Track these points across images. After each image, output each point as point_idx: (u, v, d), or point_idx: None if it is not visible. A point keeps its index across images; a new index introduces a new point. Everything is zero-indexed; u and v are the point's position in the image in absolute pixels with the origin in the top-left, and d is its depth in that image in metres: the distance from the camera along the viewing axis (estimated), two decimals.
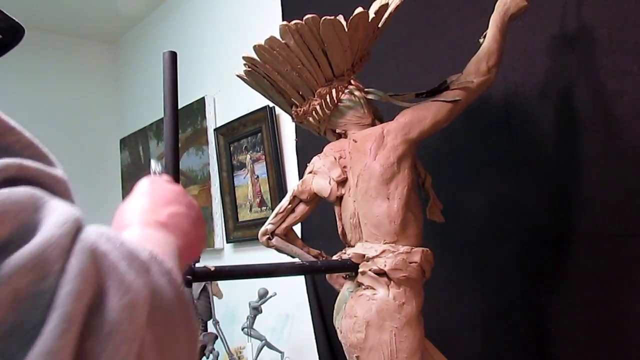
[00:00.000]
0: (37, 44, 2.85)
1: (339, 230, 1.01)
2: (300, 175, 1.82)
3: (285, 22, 0.90)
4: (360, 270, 0.92)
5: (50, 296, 0.27)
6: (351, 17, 0.91)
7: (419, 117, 0.95)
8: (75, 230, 0.31)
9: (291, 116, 1.07)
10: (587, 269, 1.06)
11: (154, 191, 0.54)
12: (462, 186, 1.28)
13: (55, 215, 0.30)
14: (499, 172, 1.20)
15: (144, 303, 0.32)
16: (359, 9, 0.91)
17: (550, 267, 1.12)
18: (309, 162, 1.05)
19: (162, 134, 2.75)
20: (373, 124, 1.01)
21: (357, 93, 1.00)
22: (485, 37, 1.00)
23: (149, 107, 2.81)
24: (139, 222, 0.47)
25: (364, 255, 0.91)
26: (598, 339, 1.05)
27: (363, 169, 0.95)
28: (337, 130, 1.03)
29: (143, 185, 0.55)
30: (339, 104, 1.00)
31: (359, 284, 0.93)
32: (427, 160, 1.34)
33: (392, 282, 0.90)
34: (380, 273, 0.90)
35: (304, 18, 0.89)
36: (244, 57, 0.96)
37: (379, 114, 1.05)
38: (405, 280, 0.90)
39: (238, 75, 1.02)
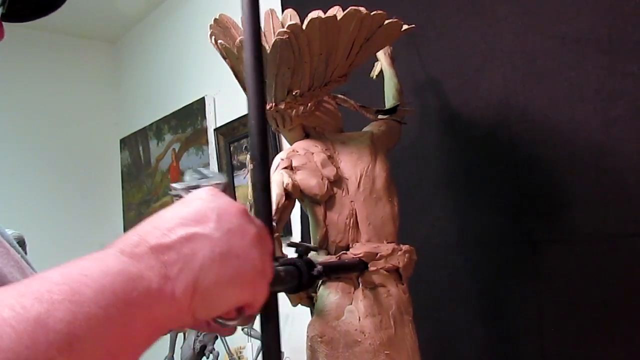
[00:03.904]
0: (37, 43, 2.85)
1: (321, 231, 0.96)
2: None
3: (355, 7, 0.88)
4: (371, 268, 0.91)
5: None
6: (405, 28, 0.97)
7: (392, 131, 1.08)
8: None
9: (274, 102, 0.98)
10: (587, 269, 1.06)
11: (197, 204, 0.39)
12: (463, 186, 1.28)
13: None
14: (499, 172, 1.20)
15: None
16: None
17: (550, 267, 1.12)
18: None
19: (162, 134, 2.76)
20: (341, 130, 1.06)
21: (330, 96, 1.04)
22: (377, 75, 1.22)
23: (149, 107, 2.81)
24: (120, 245, 0.35)
25: (376, 254, 0.92)
26: (598, 338, 1.05)
27: (365, 172, 0.95)
28: (317, 129, 1.02)
29: (193, 195, 0.41)
30: (323, 103, 1.01)
31: (368, 283, 0.92)
32: (428, 161, 1.34)
33: (397, 278, 0.93)
34: (390, 270, 0.92)
35: (373, 13, 0.90)
36: (289, 25, 0.89)
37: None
38: (408, 276, 0.95)
39: (279, 37, 0.91)
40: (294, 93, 0.96)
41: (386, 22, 0.93)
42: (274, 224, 0.91)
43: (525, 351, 1.16)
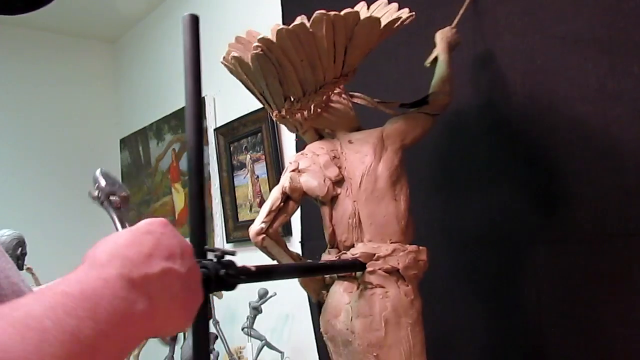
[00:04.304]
0: (36, 44, 2.85)
1: (328, 230, 0.99)
2: None
3: (322, 11, 0.88)
4: (368, 269, 0.91)
5: None
6: (389, 22, 0.93)
7: (411, 125, 1.02)
8: None
9: (277, 110, 1.02)
10: (587, 269, 1.06)
11: (162, 237, 0.45)
12: (462, 186, 1.28)
13: None
14: (499, 172, 1.20)
15: None
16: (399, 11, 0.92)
17: (550, 267, 1.12)
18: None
19: (162, 134, 2.76)
20: (359, 128, 1.04)
21: (344, 95, 1.03)
22: (431, 62, 1.14)
23: (149, 107, 2.81)
24: (118, 269, 0.40)
25: (373, 255, 0.91)
26: (598, 339, 1.05)
27: (367, 171, 0.95)
28: (327, 130, 1.03)
29: (151, 225, 0.46)
30: (330, 104, 1.00)
31: (366, 283, 0.92)
32: (428, 161, 1.34)
33: (400, 279, 0.91)
34: (390, 271, 0.91)
35: (344, 12, 0.89)
36: (259, 39, 0.92)
37: (358, 119, 1.07)
38: (414, 278, 0.93)
39: (235, 57, 0.97)
40: (291, 99, 0.99)
41: (361, 19, 0.91)
42: (261, 225, 0.96)
43: (525, 351, 1.16)
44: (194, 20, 0.63)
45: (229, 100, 2.28)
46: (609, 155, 1.03)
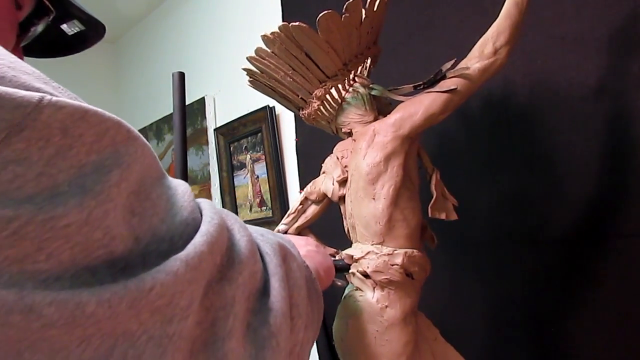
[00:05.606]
0: None
1: (345, 229, 1.00)
2: (301, 175, 1.82)
3: (265, 33, 0.90)
4: (351, 271, 0.90)
5: (264, 272, 0.50)
6: (317, 19, 0.86)
7: (410, 111, 0.88)
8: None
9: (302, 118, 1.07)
10: (587, 269, 1.06)
11: (296, 241, 0.76)
12: (462, 186, 1.28)
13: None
14: (499, 172, 1.20)
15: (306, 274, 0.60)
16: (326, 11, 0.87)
17: (550, 267, 1.12)
18: (309, 162, 1.06)
19: (162, 134, 2.76)
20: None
21: (361, 90, 0.98)
22: None
23: (149, 107, 2.81)
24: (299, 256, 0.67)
25: (352, 257, 0.90)
26: (598, 339, 1.05)
27: (354, 169, 0.93)
28: (344, 130, 1.02)
29: (294, 240, 0.75)
30: (344, 103, 0.98)
31: (352, 285, 0.92)
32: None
33: (377, 284, 0.87)
34: (365, 275, 0.87)
35: (278, 26, 0.88)
36: (244, 69, 0.97)
37: (391, 110, 0.98)
38: (388, 283, 0.86)
39: (250, 85, 1.04)
40: (302, 109, 1.03)
41: (290, 27, 0.87)
42: (279, 227, 1.04)
43: (525, 351, 1.16)
44: (181, 76, 0.91)
45: (229, 100, 2.28)
46: (609, 155, 1.03)
